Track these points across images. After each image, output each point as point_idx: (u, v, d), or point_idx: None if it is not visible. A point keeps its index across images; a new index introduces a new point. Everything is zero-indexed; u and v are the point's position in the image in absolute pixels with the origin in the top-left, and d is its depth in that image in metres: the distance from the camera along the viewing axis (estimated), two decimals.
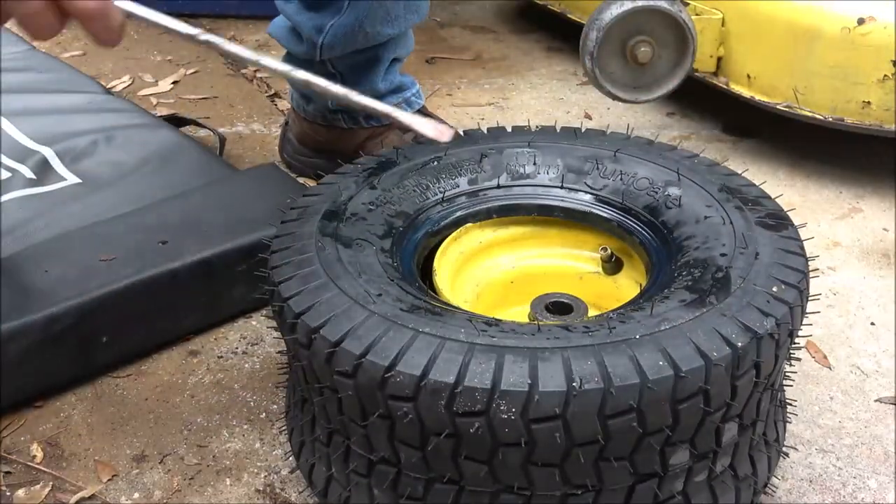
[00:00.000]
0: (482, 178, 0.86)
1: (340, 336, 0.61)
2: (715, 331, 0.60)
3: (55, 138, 1.19)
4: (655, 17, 1.27)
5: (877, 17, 1.20)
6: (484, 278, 0.86)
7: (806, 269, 0.68)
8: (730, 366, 0.59)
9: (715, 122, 1.48)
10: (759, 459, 0.70)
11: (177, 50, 1.75)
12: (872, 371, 0.94)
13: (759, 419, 0.67)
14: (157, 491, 0.79)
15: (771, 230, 0.72)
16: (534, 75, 1.68)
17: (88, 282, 0.89)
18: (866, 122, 1.24)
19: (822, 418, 0.88)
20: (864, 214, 1.24)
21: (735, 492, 0.68)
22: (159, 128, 1.25)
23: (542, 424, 0.57)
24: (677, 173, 0.81)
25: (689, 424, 0.60)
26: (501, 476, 0.61)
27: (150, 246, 0.95)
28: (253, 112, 1.51)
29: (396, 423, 0.60)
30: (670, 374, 0.57)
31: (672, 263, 0.74)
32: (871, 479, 0.81)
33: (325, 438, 0.70)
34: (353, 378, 0.60)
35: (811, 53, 1.24)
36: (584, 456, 0.59)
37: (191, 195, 1.06)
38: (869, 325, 1.02)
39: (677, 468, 0.63)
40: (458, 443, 0.59)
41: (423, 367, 0.58)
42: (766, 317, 0.62)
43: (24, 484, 0.79)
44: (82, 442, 0.84)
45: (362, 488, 0.67)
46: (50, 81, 1.37)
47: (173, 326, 0.97)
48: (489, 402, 0.56)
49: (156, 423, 0.87)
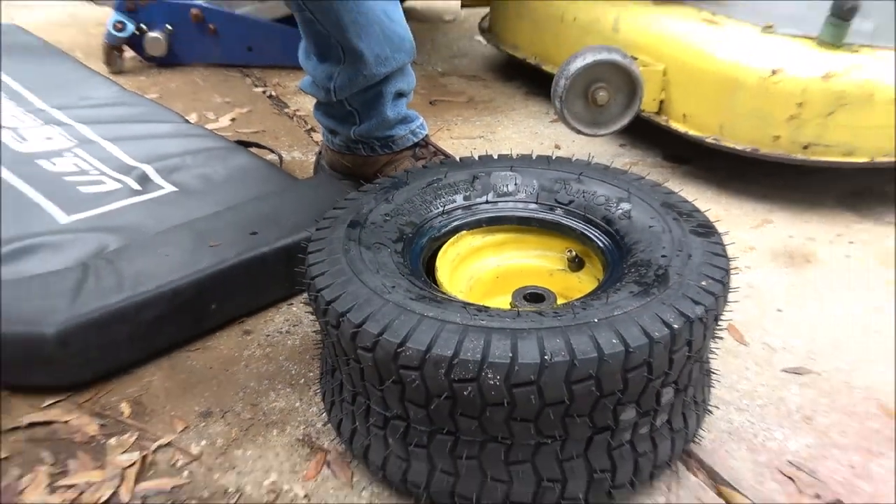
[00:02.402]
0: (474, 195, 0.87)
1: (362, 319, 0.62)
2: (657, 315, 0.61)
3: (151, 157, 1.20)
4: (611, 68, 1.28)
5: (785, 69, 1.21)
6: (475, 274, 0.87)
7: (728, 268, 0.70)
8: (668, 343, 0.60)
9: (658, 151, 1.49)
10: (689, 416, 0.71)
11: (234, 94, 1.75)
12: (779, 347, 0.96)
13: (690, 385, 0.68)
14: (219, 439, 0.80)
15: (701, 237, 0.73)
16: (515, 114, 1.69)
17: (201, 262, 0.92)
18: (776, 152, 1.25)
19: (739, 384, 0.89)
20: (774, 225, 1.25)
21: (671, 441, 0.69)
22: (234, 149, 1.26)
23: (521, 389, 0.58)
24: (628, 192, 0.82)
25: (636, 389, 0.61)
26: (489, 429, 0.62)
27: (243, 236, 0.98)
28: (293, 143, 1.52)
29: (406, 388, 0.62)
30: (622, 349, 0.58)
31: (623, 263, 0.75)
32: (777, 431, 0.82)
33: (351, 399, 0.71)
34: (373, 352, 0.61)
35: (734, 98, 1.25)
36: (553, 413, 0.60)
37: (269, 198, 1.09)
38: (776, 311, 1.03)
39: (626, 423, 0.64)
40: (455, 403, 0.61)
41: (427, 343, 0.59)
42: (696, 305, 0.63)
43: (115, 434, 0.81)
44: (160, 401, 0.85)
45: (379, 438, 0.69)
46: (141, 114, 1.39)
47: (262, 296, 1.00)
48: (479, 371, 0.58)
49: (218, 387, 0.88)
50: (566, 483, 0.64)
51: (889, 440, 0.81)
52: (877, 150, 1.22)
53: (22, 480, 0.75)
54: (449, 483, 0.66)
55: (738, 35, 1.31)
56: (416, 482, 0.67)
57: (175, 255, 0.93)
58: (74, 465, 0.77)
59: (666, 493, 0.74)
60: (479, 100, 1.76)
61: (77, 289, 0.86)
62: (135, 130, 1.30)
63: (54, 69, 1.59)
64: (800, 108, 1.21)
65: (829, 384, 0.89)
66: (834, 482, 0.76)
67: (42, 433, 0.81)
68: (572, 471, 0.64)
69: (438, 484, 0.66)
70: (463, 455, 0.64)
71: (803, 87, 1.20)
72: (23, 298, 0.85)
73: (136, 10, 1.81)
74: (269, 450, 0.79)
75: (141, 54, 1.87)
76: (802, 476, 0.77)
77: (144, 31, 1.84)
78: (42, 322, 0.81)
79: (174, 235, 0.98)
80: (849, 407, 0.86)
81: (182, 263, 0.92)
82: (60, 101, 1.42)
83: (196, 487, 0.75)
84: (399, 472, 0.68)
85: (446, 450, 0.64)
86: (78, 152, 1.21)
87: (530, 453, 0.63)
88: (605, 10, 1.49)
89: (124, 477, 0.75)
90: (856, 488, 0.76)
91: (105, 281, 0.88)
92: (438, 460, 0.65)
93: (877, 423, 0.84)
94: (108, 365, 0.87)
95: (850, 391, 0.88)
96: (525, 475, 0.64)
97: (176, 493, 0.74)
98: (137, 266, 0.91)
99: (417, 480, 0.67)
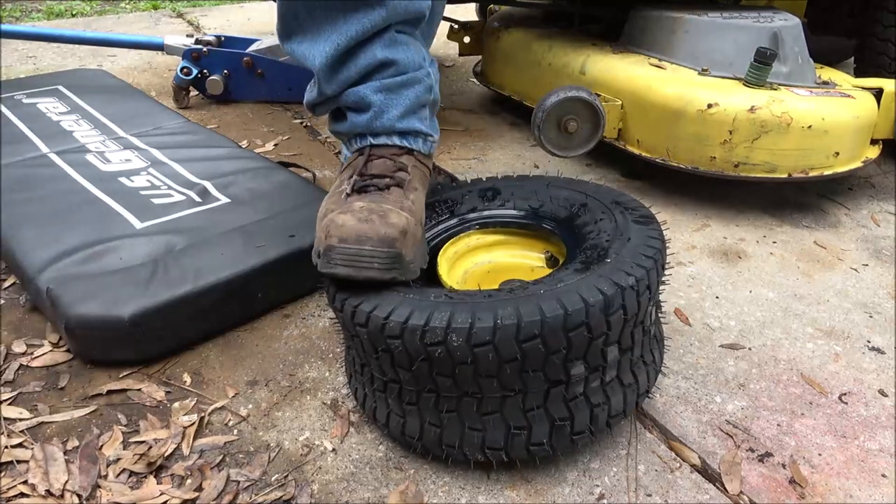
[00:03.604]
0: (466, 207, 0.85)
1: (358, 301, 0.61)
2: (593, 286, 0.59)
3: (210, 175, 1.17)
4: (579, 103, 1.26)
5: (720, 102, 1.19)
6: (470, 269, 0.85)
7: (661, 248, 0.66)
8: (603, 307, 0.57)
9: (617, 169, 1.47)
10: (639, 374, 0.67)
11: (277, 124, 1.73)
12: (717, 327, 0.93)
13: (634, 346, 0.65)
14: (263, 403, 0.78)
15: (641, 225, 0.70)
16: (502, 140, 1.66)
17: (250, 259, 0.90)
18: (712, 170, 1.22)
19: (685, 357, 0.87)
20: (711, 228, 1.22)
21: (622, 395, 0.66)
22: (276, 168, 1.24)
23: (480, 348, 0.56)
24: (585, 195, 0.80)
25: (580, 347, 0.59)
26: (461, 385, 0.60)
27: (283, 238, 0.96)
28: (324, 163, 1.50)
29: (394, 355, 0.60)
30: (560, 312, 0.56)
31: (578, 249, 0.72)
32: (717, 396, 0.80)
33: (360, 369, 0.69)
34: (366, 327, 0.60)
35: (677, 126, 1.23)
36: (510, 369, 0.58)
37: (304, 207, 1.06)
38: (715, 298, 1.00)
39: (577, 377, 0.61)
40: (431, 364, 0.59)
41: (405, 316, 0.58)
42: (629, 276, 0.60)
43: (178, 399, 0.79)
44: (216, 372, 0.83)
45: (381, 400, 0.67)
46: (202, 140, 1.36)
47: (299, 287, 0.97)
48: (445, 336, 0.56)
49: (262, 360, 0.85)
50: (532, 430, 0.62)
51: (808, 403, 0.79)
52: (793, 168, 1.20)
53: (101, 437, 0.73)
54: (437, 434, 0.64)
55: (681, 76, 1.29)
56: (411, 434, 0.66)
57: (228, 253, 0.91)
58: (144, 425, 0.74)
59: (626, 447, 0.72)
60: (474, 129, 1.74)
61: (149, 280, 0.84)
62: (197, 154, 1.28)
63: (133, 105, 1.57)
64: (731, 134, 1.18)
65: (758, 357, 0.87)
66: (764, 438, 0.74)
67: (118, 399, 0.79)
68: (535, 419, 0.62)
69: (428, 435, 0.64)
70: (444, 409, 0.62)
71: (734, 118, 1.17)
72: (106, 287, 0.83)
73: (199, 58, 1.82)
74: (303, 412, 0.77)
75: (203, 93, 1.86)
76: (738, 433, 0.74)
77: (206, 75, 1.83)
78: (120, 307, 0.79)
79: (228, 237, 0.95)
80: (775, 376, 0.83)
81: (234, 260, 0.90)
82: (137, 130, 1.39)
83: (244, 443, 0.72)
84: (399, 427, 0.66)
85: (431, 405, 0.63)
86: (151, 171, 1.19)
87: (498, 405, 0.61)
88: (574, 56, 1.47)
89: (185, 435, 0.73)
90: (783, 443, 0.73)
91: (171, 274, 0.86)
92: (426, 415, 0.64)
93: (798, 389, 0.81)
94: (172, 343, 0.85)
95: (775, 363, 0.86)
96: (496, 423, 0.62)
97: (227, 447, 0.72)
98: (198, 262, 0.89)
99: (412, 433, 0.65)
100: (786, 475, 0.69)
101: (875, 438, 0.74)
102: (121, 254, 0.91)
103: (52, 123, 1.40)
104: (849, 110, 1.21)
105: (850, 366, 0.86)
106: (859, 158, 1.27)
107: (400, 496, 0.65)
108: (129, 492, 0.66)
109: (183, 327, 0.85)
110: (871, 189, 1.40)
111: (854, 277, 1.07)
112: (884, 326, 0.94)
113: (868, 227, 1.24)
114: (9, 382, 0.80)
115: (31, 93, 1.60)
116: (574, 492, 0.66)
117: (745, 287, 1.03)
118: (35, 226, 0.97)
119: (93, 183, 1.12)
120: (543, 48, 1.57)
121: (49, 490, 0.66)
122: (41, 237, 0.94)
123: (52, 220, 0.99)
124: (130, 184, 1.13)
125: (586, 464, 0.70)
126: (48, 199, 1.06)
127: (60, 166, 1.19)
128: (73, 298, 0.81)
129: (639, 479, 0.68)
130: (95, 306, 0.80)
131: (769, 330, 0.93)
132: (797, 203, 1.32)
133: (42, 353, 0.85)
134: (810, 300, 1.00)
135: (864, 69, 1.67)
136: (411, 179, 0.73)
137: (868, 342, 0.90)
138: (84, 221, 0.99)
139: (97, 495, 0.66)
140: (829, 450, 0.72)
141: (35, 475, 0.67)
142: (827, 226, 1.24)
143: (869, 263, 1.11)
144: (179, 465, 0.69)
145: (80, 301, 0.81)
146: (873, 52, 1.62)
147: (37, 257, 0.89)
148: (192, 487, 0.66)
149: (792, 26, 1.30)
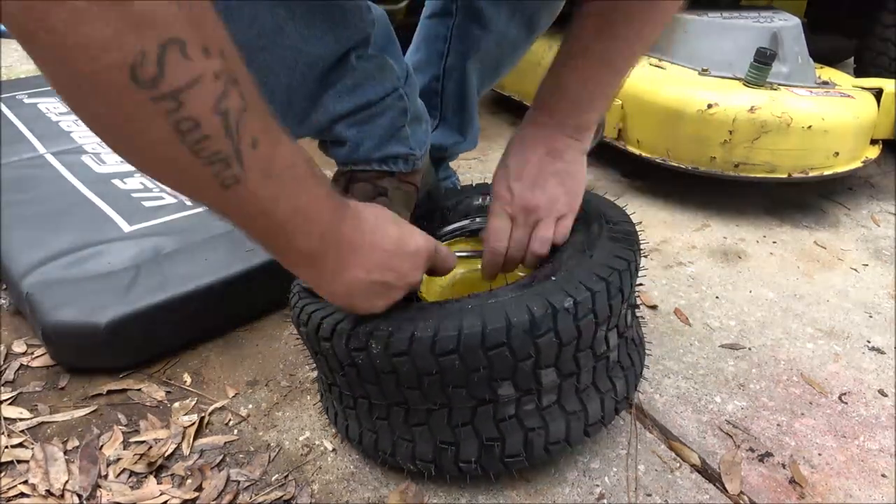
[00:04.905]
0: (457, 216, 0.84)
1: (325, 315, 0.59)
2: (524, 304, 0.54)
3: None
4: None
5: (719, 102, 1.19)
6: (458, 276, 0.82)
7: (626, 268, 0.59)
8: (527, 328, 0.53)
9: (617, 169, 1.47)
10: (617, 379, 0.63)
11: None
12: (717, 327, 0.93)
13: (580, 371, 0.59)
14: (263, 403, 0.78)
15: (614, 242, 0.63)
16: (502, 139, 1.66)
17: (233, 265, 0.88)
18: (713, 170, 1.22)
19: (685, 357, 0.87)
20: (711, 228, 1.22)
21: (599, 402, 0.62)
22: None
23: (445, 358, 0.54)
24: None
25: (503, 367, 0.55)
26: (430, 397, 0.57)
27: None
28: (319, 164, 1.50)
29: (360, 369, 0.58)
30: (479, 329, 0.53)
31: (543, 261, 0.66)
32: (717, 396, 0.80)
33: (327, 388, 0.68)
34: (330, 341, 0.58)
35: (677, 126, 1.23)
36: (478, 378, 0.55)
37: None
38: (715, 297, 1.00)
39: (507, 398, 0.58)
40: (398, 377, 0.56)
41: (335, 322, 0.57)
42: (567, 297, 0.55)
43: (178, 399, 0.79)
44: (216, 372, 0.83)
45: (352, 417, 0.65)
46: None
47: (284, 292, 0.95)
48: (367, 342, 0.55)
49: (263, 360, 0.85)
50: (505, 441, 0.59)
51: (808, 403, 0.79)
52: (793, 168, 1.20)
53: (101, 437, 0.72)
54: (410, 448, 0.62)
55: (681, 76, 1.29)
56: (384, 450, 0.64)
57: (212, 258, 0.90)
58: (144, 425, 0.74)
59: (626, 447, 0.72)
60: None
61: (129, 287, 0.83)
62: None
63: None
64: (731, 134, 1.18)
65: (758, 357, 0.87)
66: (764, 437, 0.74)
67: (118, 399, 0.79)
68: (507, 429, 0.59)
69: (401, 450, 0.63)
70: (414, 423, 0.60)
71: (734, 118, 1.17)
72: (84, 294, 0.81)
73: None
74: (303, 412, 0.77)
75: None
76: (738, 433, 0.74)
77: None
78: (97, 314, 0.78)
79: (214, 242, 0.94)
80: (775, 376, 0.83)
81: (216, 266, 0.88)
82: None
83: (244, 443, 0.72)
84: (371, 443, 0.65)
85: (401, 420, 0.61)
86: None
87: (469, 416, 0.58)
88: None
89: (185, 434, 0.73)
90: (783, 443, 0.73)
91: (153, 280, 0.84)
92: (397, 429, 0.62)
93: (798, 389, 0.81)
94: (152, 350, 0.84)
95: (775, 363, 0.86)
96: (468, 436, 0.59)
97: (228, 447, 0.72)
98: (180, 268, 0.87)
99: (385, 448, 0.64)
100: (786, 475, 0.69)
101: (875, 438, 0.74)
102: (108, 258, 0.90)
103: (51, 123, 1.40)
104: (849, 110, 1.22)
105: (850, 366, 0.86)
106: (859, 158, 1.27)
107: (400, 496, 0.65)
108: (129, 492, 0.66)
109: (162, 334, 0.83)
110: (871, 189, 1.40)
111: (854, 277, 1.07)
112: (884, 326, 0.94)
113: (868, 227, 1.24)
114: (9, 382, 0.80)
115: (33, 93, 1.61)
116: (574, 492, 0.66)
117: (745, 287, 1.03)
118: (24, 228, 0.96)
119: (86, 184, 1.11)
120: (543, 48, 1.57)
121: (49, 490, 0.66)
122: (28, 240, 0.93)
123: (41, 222, 0.98)
124: (123, 186, 1.12)
125: (586, 464, 0.69)
126: (39, 201, 1.04)
127: (55, 167, 1.18)
128: (52, 305, 0.79)
129: (639, 479, 0.68)
130: (72, 313, 0.78)
131: (769, 330, 0.93)
132: (797, 203, 1.32)
133: (42, 353, 0.85)
134: (810, 300, 1.00)
135: (864, 69, 1.67)
136: (392, 203, 0.73)
137: (868, 342, 0.90)
138: (73, 224, 0.97)
139: (97, 495, 0.66)
140: (829, 450, 0.72)
141: (35, 475, 0.67)
142: (827, 226, 1.24)
143: (869, 263, 1.11)
144: (179, 465, 0.69)
145: (57, 307, 0.79)
146: (873, 52, 1.62)
147: (22, 261, 0.88)
148: (192, 487, 0.66)
149: (792, 26, 1.30)
